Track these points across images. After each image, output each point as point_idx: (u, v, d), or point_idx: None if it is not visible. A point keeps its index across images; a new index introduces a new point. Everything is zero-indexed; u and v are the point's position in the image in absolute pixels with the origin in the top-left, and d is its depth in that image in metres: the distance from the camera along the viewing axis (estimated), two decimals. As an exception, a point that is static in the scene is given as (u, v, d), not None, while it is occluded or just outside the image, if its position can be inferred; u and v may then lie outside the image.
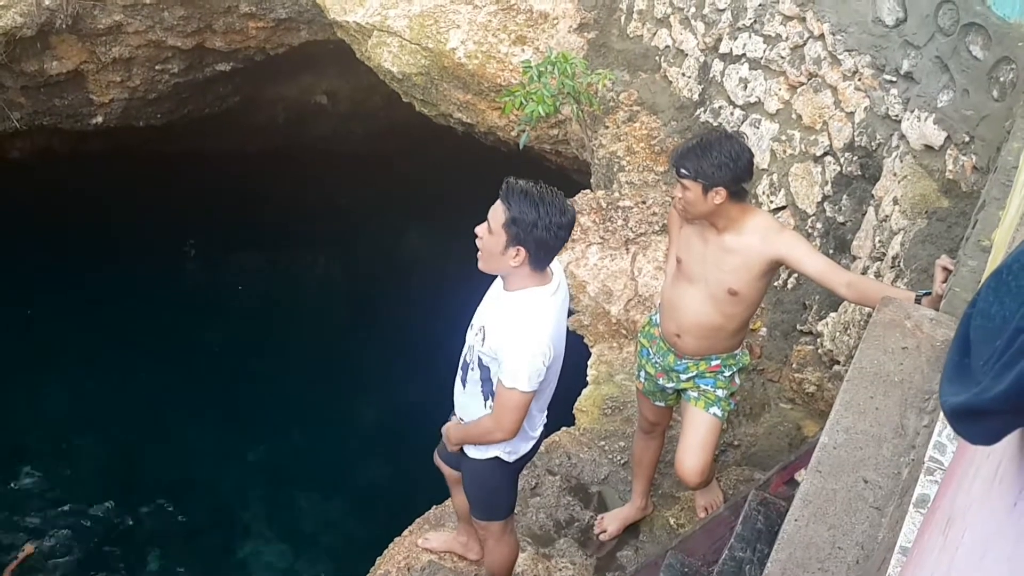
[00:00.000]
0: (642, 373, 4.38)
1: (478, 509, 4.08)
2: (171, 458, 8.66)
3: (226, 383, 9.22)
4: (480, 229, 3.45)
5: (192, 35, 8.38)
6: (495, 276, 3.62)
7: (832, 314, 5.04)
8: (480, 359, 3.58)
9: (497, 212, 3.40)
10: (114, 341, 9.53)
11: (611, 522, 4.88)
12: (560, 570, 4.74)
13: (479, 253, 3.47)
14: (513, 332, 3.44)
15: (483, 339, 3.54)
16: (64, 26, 7.84)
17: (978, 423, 1.06)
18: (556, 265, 3.62)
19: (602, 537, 4.88)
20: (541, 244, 3.38)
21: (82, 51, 8.27)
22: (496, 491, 4.01)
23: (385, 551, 4.85)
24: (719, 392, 4.15)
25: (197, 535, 8.34)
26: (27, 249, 9.90)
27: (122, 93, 8.74)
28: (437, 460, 4.28)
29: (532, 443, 3.90)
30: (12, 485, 8.59)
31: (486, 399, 3.66)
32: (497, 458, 3.82)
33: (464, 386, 3.75)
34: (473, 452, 3.85)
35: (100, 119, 8.93)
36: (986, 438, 1.07)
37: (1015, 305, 1.09)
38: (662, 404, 4.40)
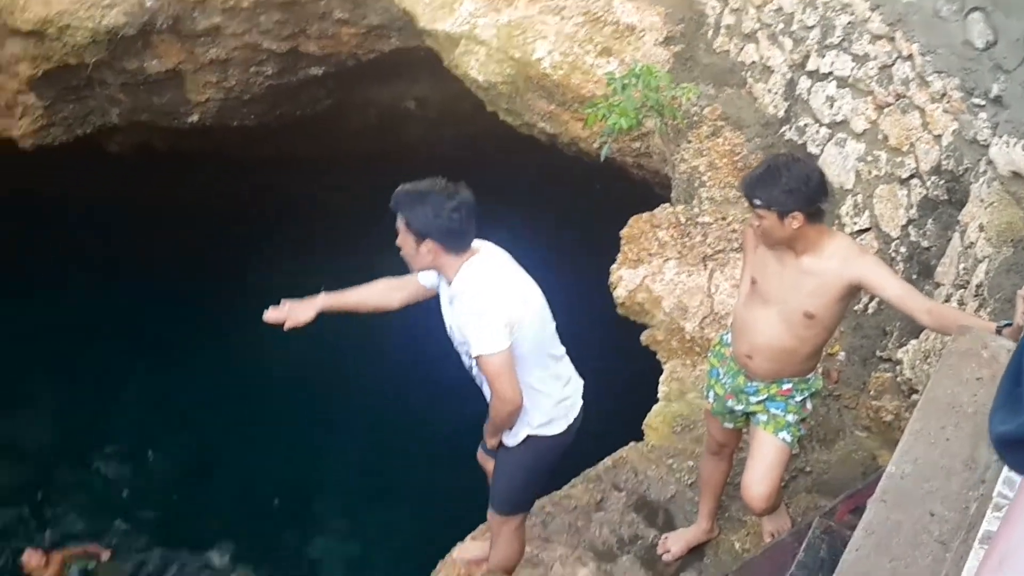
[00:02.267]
0: (711, 393, 4.33)
1: (504, 502, 4.13)
2: (245, 454, 8.83)
3: (307, 383, 9.36)
4: (398, 241, 3.72)
5: (287, 39, 8.54)
6: None
7: (913, 341, 4.91)
8: (469, 353, 3.73)
9: (398, 221, 3.68)
10: (197, 336, 9.76)
11: (675, 543, 4.84)
12: (622, 587, 4.71)
13: (407, 262, 3.78)
14: (464, 310, 3.64)
15: (454, 334, 3.76)
16: (164, 26, 8.05)
17: (1024, 452, 1.03)
18: (483, 243, 3.80)
19: (665, 558, 4.84)
20: (444, 232, 3.61)
21: (181, 51, 8.48)
22: (523, 480, 4.05)
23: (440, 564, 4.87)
24: (789, 417, 4.08)
25: (268, 531, 8.49)
26: (120, 242, 10.20)
27: (218, 93, 8.93)
28: (480, 458, 4.35)
29: (563, 412, 3.93)
30: (92, 472, 8.86)
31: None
32: (530, 437, 3.88)
33: (478, 382, 3.90)
34: (508, 440, 3.94)
35: (196, 118, 9.14)
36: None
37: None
38: (731, 426, 4.34)
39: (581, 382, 4.10)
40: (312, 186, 10.52)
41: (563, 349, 4.00)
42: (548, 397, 3.85)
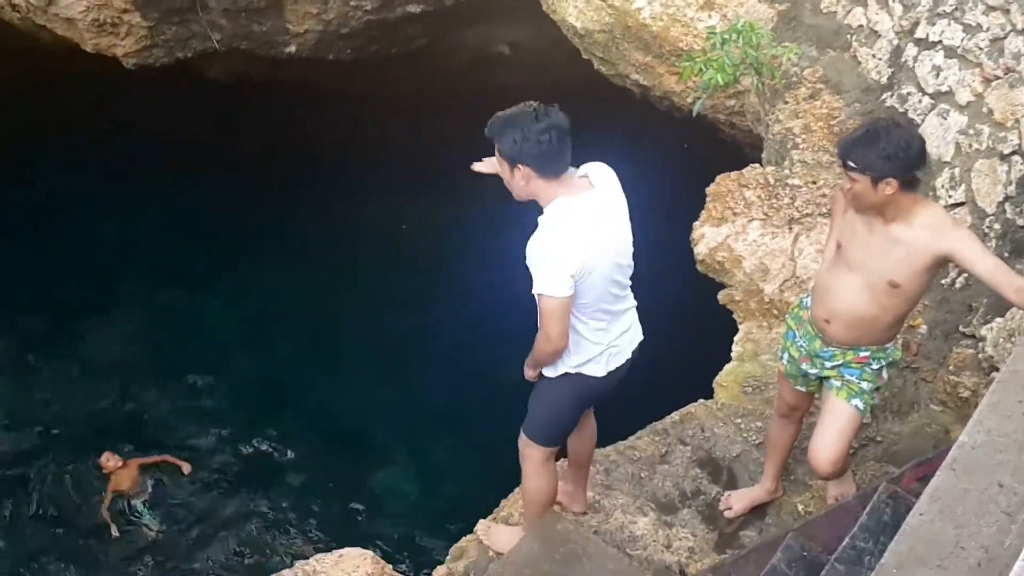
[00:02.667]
0: (785, 355, 4.30)
1: (530, 424, 4.14)
2: (319, 386, 9.03)
3: (382, 318, 9.52)
4: (496, 170, 3.76)
5: (388, -26, 8.59)
6: None
7: (998, 319, 4.81)
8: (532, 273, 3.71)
9: (495, 151, 3.67)
10: (283, 262, 9.97)
11: (738, 500, 4.85)
12: (680, 539, 4.75)
13: (508, 188, 3.75)
14: (537, 244, 3.60)
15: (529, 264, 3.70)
16: (269, -47, 8.15)
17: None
18: (604, 175, 3.75)
19: (727, 514, 4.86)
20: (535, 155, 3.56)
21: (283, -20, 8.58)
22: (557, 410, 4.06)
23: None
24: (864, 384, 4.04)
25: (338, 460, 8.70)
26: (210, 166, 10.42)
27: (316, 25, 9.01)
28: None
29: (604, 359, 3.90)
30: (174, 390, 9.14)
31: None
32: (566, 374, 3.91)
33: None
34: (548, 372, 3.96)
35: (293, 48, 9.25)
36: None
37: None
38: (803, 389, 4.32)
39: (638, 336, 4.04)
40: (400, 124, 10.59)
41: (628, 303, 3.96)
42: (592, 343, 3.84)
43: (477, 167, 4.17)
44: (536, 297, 3.66)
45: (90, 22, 8.56)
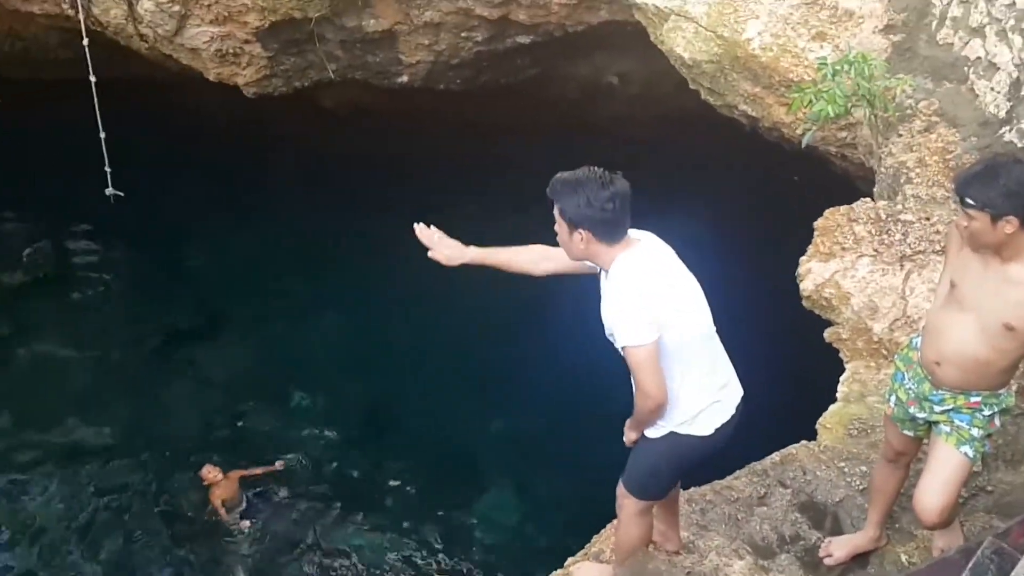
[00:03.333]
0: (893, 398, 4.15)
1: (629, 477, 4.09)
2: (421, 411, 9.11)
3: (483, 342, 9.55)
4: (555, 227, 3.75)
5: (498, 6, 8.66)
6: None
7: (1126, 367, 4.55)
8: (613, 344, 3.72)
9: (555, 211, 3.70)
10: (386, 287, 10.12)
11: (839, 547, 4.68)
12: (777, 585, 4.61)
13: (563, 249, 3.81)
14: (613, 300, 3.63)
15: (608, 327, 3.71)
16: (385, -13, 8.33)
17: None
18: (644, 234, 3.78)
19: (827, 561, 4.69)
20: (597, 221, 3.60)
21: (398, 12, 8.75)
22: (655, 468, 3.99)
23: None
24: (974, 431, 3.87)
25: (436, 485, 8.74)
26: (325, 193, 10.68)
27: (428, 56, 9.18)
28: None
29: (708, 416, 3.84)
30: (281, 408, 9.35)
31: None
32: (672, 434, 3.85)
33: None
34: (650, 432, 3.91)
35: (406, 78, 9.44)
36: None
37: None
38: (911, 434, 4.16)
39: (739, 390, 3.97)
40: (507, 154, 10.67)
41: (720, 353, 3.92)
42: (693, 398, 3.78)
43: (419, 234, 4.36)
44: (624, 355, 3.65)
45: (213, 52, 8.90)
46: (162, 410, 9.36)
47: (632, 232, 3.75)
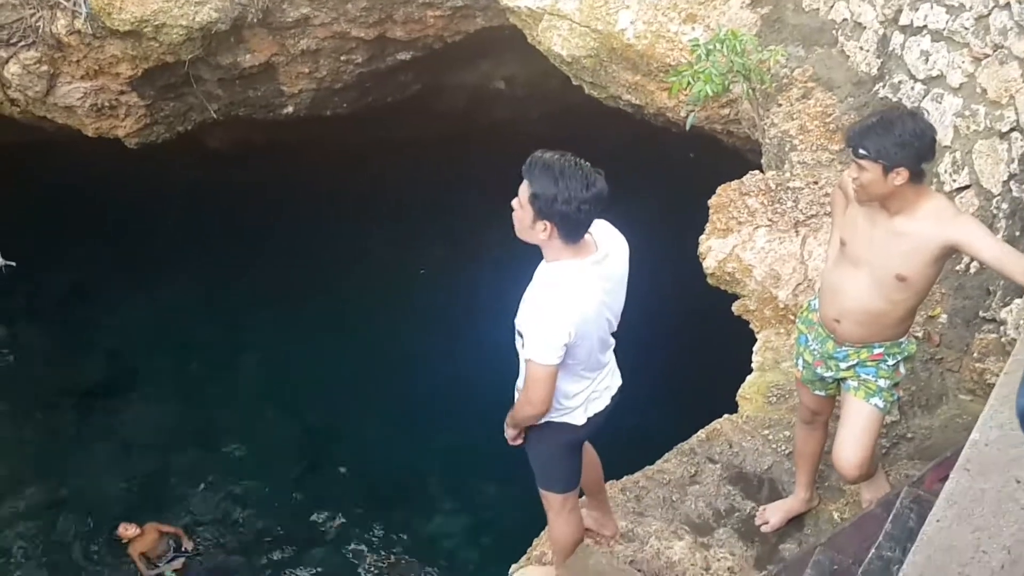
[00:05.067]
0: (800, 361, 4.23)
1: (539, 477, 4.07)
2: (350, 442, 9.02)
3: (408, 367, 9.50)
4: (513, 203, 3.49)
5: (374, 25, 8.62)
6: None
7: (1017, 300, 4.71)
8: (519, 330, 3.58)
9: (522, 187, 3.44)
10: (303, 325, 10.01)
11: (773, 514, 4.75)
12: (719, 560, 4.65)
13: (514, 222, 3.53)
14: (534, 306, 3.47)
15: (520, 320, 3.55)
16: (255, 20, 8.19)
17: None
18: (608, 234, 3.61)
19: (764, 529, 4.75)
20: (565, 218, 3.39)
21: (273, 44, 8.65)
22: (551, 459, 3.97)
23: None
24: (881, 382, 3.96)
25: (376, 512, 8.67)
26: (225, 234, 10.51)
27: (310, 84, 9.09)
28: None
29: (583, 409, 3.82)
30: (208, 457, 9.17)
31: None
32: (548, 423, 3.81)
33: (519, 355, 3.72)
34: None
35: (290, 109, 9.33)
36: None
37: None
38: (822, 393, 4.24)
39: (617, 382, 3.94)
40: (405, 171, 10.64)
41: (610, 356, 3.87)
42: (572, 398, 3.77)
43: None
44: (523, 360, 3.58)
45: (89, 107, 8.70)
46: (82, 474, 9.12)
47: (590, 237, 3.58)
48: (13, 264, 8.63)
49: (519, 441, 3.94)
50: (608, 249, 3.61)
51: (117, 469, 9.15)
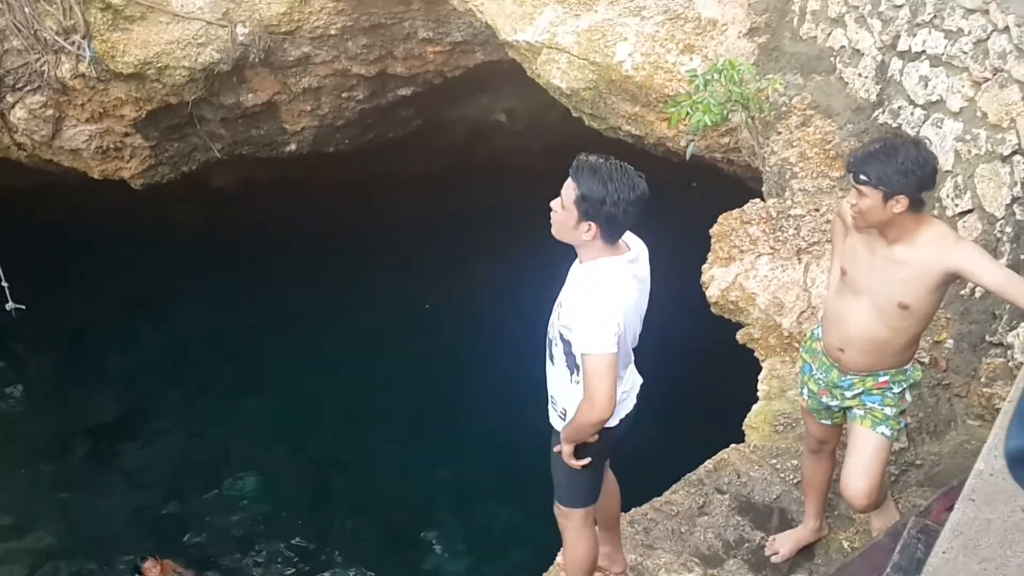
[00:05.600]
0: (805, 390, 4.21)
1: (561, 492, 4.05)
2: (359, 473, 9.00)
3: (415, 399, 9.50)
4: (555, 203, 3.57)
5: (375, 62, 8.71)
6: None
7: (1023, 324, 4.69)
8: (561, 333, 3.65)
9: (568, 188, 3.51)
10: (309, 360, 10.01)
11: (783, 544, 4.71)
12: (730, 592, 4.61)
13: (553, 224, 3.60)
14: (583, 300, 3.54)
15: (560, 313, 3.64)
16: (257, 60, 8.28)
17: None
18: (634, 238, 3.69)
19: (774, 559, 4.71)
20: (611, 220, 3.48)
21: (275, 83, 8.73)
22: (581, 470, 3.92)
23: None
24: (887, 410, 3.93)
25: (384, 543, 8.63)
26: (232, 271, 10.54)
27: (312, 121, 9.17)
28: None
29: (616, 409, 3.76)
30: (217, 492, 9.15)
31: (571, 372, 3.71)
32: None
33: (553, 362, 3.79)
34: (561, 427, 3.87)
35: (293, 147, 9.41)
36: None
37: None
38: (828, 422, 4.21)
39: (639, 380, 3.99)
40: (408, 205, 10.68)
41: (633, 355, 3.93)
42: None
43: None
44: (579, 358, 3.58)
45: (94, 150, 8.78)
46: (95, 512, 9.11)
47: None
48: (23, 307, 8.69)
49: (575, 462, 3.86)
50: (638, 252, 3.70)
51: (128, 506, 9.15)
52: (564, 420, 3.85)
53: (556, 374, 3.81)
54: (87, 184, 9.29)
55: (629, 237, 3.70)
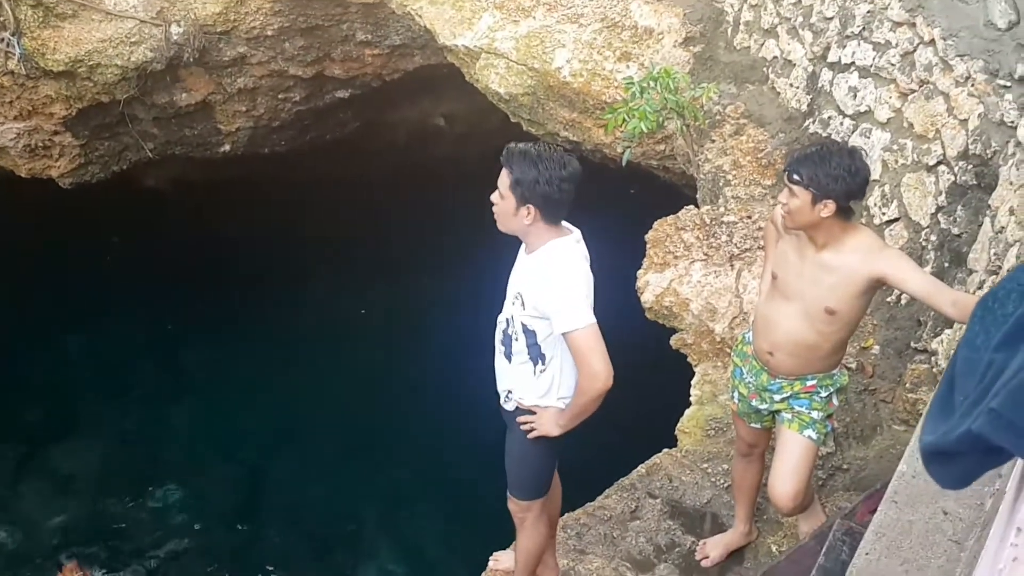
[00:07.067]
0: (735, 393, 4.26)
1: (519, 484, 4.06)
2: (292, 482, 8.89)
3: (347, 407, 9.40)
4: (494, 196, 3.67)
5: (312, 64, 8.63)
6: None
7: (947, 331, 4.80)
8: (524, 325, 3.70)
9: (503, 177, 3.62)
10: (242, 366, 9.87)
11: (713, 548, 4.76)
12: (661, 596, 4.65)
13: (495, 217, 3.71)
14: (547, 283, 3.61)
15: (522, 304, 3.70)
16: (191, 59, 8.17)
17: (946, 465, 0.97)
18: (569, 224, 3.77)
19: (704, 563, 4.76)
20: (547, 199, 3.57)
21: (209, 83, 8.62)
22: (542, 459, 3.98)
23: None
24: (814, 414, 4.00)
25: (319, 554, 8.52)
26: (163, 275, 10.35)
27: (247, 122, 9.06)
28: None
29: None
30: (141, 502, 8.97)
31: (535, 363, 3.76)
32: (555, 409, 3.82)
33: (509, 360, 3.83)
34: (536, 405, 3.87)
35: (228, 147, 9.29)
36: (954, 482, 0.98)
37: (997, 335, 1.00)
38: (758, 426, 4.27)
39: None
40: (344, 208, 10.59)
41: None
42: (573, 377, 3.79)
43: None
44: (564, 339, 3.61)
45: (22, 148, 8.59)
46: (18, 522, 8.85)
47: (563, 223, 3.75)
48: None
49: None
50: (579, 234, 3.78)
51: (52, 511, 8.90)
52: (521, 408, 3.88)
53: (515, 370, 3.83)
54: (15, 183, 9.07)
55: (566, 223, 3.77)
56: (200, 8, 7.90)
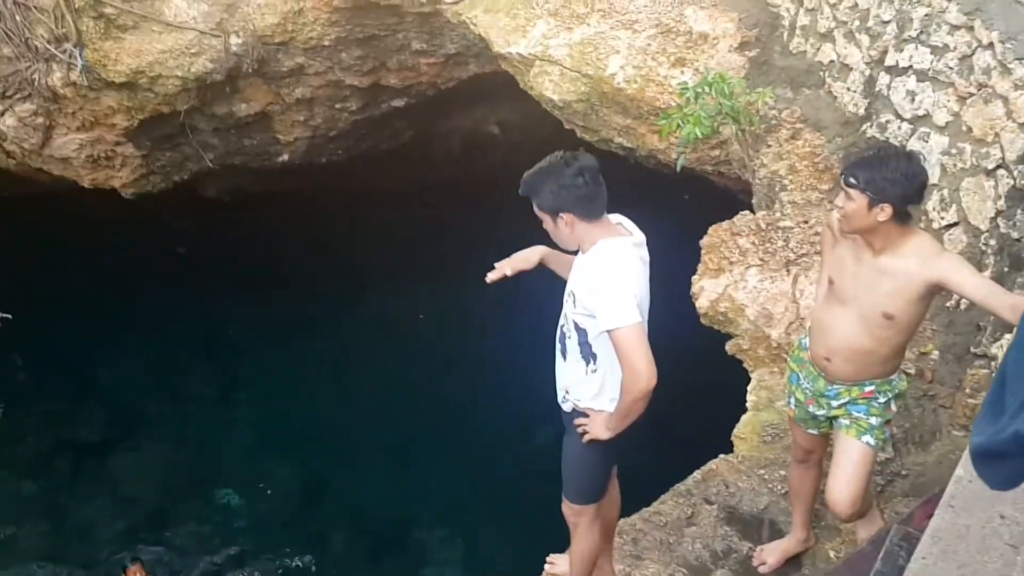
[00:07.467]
0: (792, 399, 4.24)
1: (574, 488, 4.08)
2: (350, 488, 8.99)
3: (406, 413, 9.50)
4: (545, 226, 3.74)
5: (368, 74, 8.73)
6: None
7: (1007, 336, 4.72)
8: (576, 323, 3.74)
9: (535, 208, 3.69)
10: (302, 372, 10.01)
11: (771, 554, 4.74)
12: (717, 602, 4.64)
13: (556, 241, 3.79)
14: (594, 282, 3.62)
15: (574, 302, 3.73)
16: (250, 70, 8.31)
17: (995, 465, 0.97)
18: (632, 226, 3.80)
19: (761, 570, 4.74)
20: (574, 200, 3.60)
21: (268, 93, 8.76)
22: (597, 463, 4.01)
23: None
24: (872, 420, 3.97)
25: (378, 559, 8.62)
26: (223, 283, 10.54)
27: (305, 132, 9.19)
28: None
29: None
30: (202, 505, 9.13)
31: (587, 362, 3.79)
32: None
33: (565, 357, 3.87)
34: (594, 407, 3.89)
35: (286, 157, 9.42)
36: (1003, 483, 0.98)
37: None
38: (815, 432, 4.25)
39: None
40: (398, 217, 10.69)
41: None
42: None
43: (493, 276, 4.09)
44: (595, 346, 3.66)
45: (85, 159, 8.78)
46: (82, 527, 9.07)
47: (612, 216, 3.76)
48: (9, 316, 8.67)
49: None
50: (641, 237, 3.81)
51: (115, 514, 9.11)
52: (577, 410, 3.91)
53: (570, 368, 3.88)
54: (78, 193, 9.29)
55: (628, 224, 3.81)
56: (259, 19, 8.03)
